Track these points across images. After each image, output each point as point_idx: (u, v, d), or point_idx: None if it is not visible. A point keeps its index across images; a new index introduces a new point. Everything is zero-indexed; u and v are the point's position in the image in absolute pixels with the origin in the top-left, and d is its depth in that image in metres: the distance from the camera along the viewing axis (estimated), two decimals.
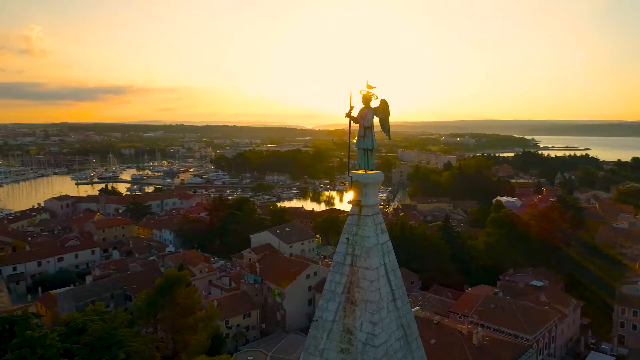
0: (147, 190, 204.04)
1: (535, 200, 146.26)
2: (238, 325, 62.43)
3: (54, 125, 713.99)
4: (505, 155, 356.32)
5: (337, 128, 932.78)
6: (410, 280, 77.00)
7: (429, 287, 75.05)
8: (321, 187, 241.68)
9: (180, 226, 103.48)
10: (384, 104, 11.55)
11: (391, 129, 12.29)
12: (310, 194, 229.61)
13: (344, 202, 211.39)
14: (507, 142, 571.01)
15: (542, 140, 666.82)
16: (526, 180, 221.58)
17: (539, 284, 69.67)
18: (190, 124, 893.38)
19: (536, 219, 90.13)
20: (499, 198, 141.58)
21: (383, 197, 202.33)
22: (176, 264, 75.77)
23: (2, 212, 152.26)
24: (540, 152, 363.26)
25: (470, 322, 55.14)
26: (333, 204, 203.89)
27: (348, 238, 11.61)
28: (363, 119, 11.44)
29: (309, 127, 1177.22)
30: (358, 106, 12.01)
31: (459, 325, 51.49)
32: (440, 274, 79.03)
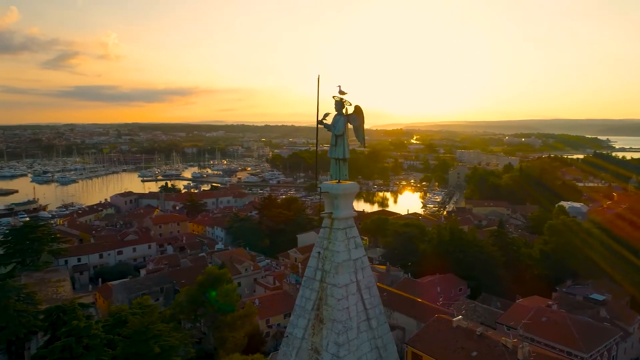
0: (203, 188, 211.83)
1: (605, 206, 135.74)
2: (278, 325, 62.98)
3: (125, 125, 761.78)
4: (575, 157, 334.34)
5: (395, 128, 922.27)
6: (457, 287, 74.24)
7: (478, 295, 71.76)
8: (374, 188, 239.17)
9: (231, 224, 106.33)
10: (358, 111, 10.85)
11: (450, 129, 11.57)
12: (364, 195, 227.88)
13: (398, 203, 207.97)
14: (577, 143, 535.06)
15: (619, 142, 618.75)
16: (596, 184, 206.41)
17: (600, 297, 64.37)
18: (250, 124, 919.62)
19: (603, 226, 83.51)
20: (562, 203, 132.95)
21: (438, 200, 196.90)
22: (223, 261, 78.01)
23: (74, 206, 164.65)
24: (615, 153, 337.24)
25: (518, 336, 51.96)
26: (386, 205, 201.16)
27: (319, 252, 11.05)
28: (334, 127, 10.78)
29: (366, 127, 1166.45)
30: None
31: (503, 337, 48.63)
32: (490, 282, 75.33)
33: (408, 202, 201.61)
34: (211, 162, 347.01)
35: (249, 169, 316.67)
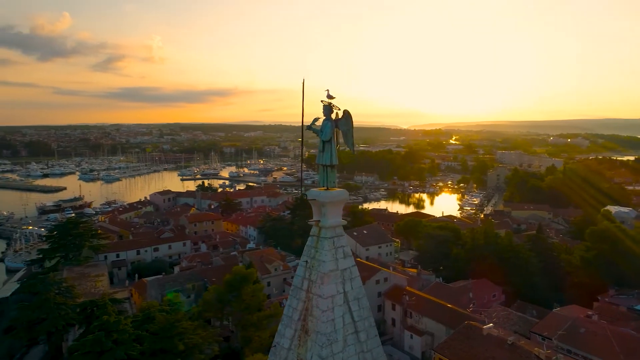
0: (238, 188, 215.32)
1: None
2: None
3: (167, 125, 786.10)
4: (625, 158, 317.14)
5: (434, 128, 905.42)
6: (491, 293, 71.78)
7: (513, 302, 69.12)
8: (410, 189, 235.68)
9: (263, 223, 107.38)
10: (347, 116, 10.45)
11: (491, 129, 11.09)
12: (399, 196, 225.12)
13: (434, 205, 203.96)
14: (630, 143, 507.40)
15: None
16: None
17: None
18: (288, 124, 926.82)
19: None
20: (608, 207, 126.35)
21: (475, 202, 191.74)
22: (252, 260, 78.83)
23: (116, 203, 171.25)
24: None
25: (553, 347, 49.61)
26: (423, 207, 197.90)
27: (306, 261, 10.74)
28: (321, 132, 10.44)
29: (404, 127, 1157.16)
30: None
31: (536, 348, 46.54)
32: (526, 289, 72.50)
33: (444, 204, 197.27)
34: (248, 161, 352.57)
35: (284, 168, 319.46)
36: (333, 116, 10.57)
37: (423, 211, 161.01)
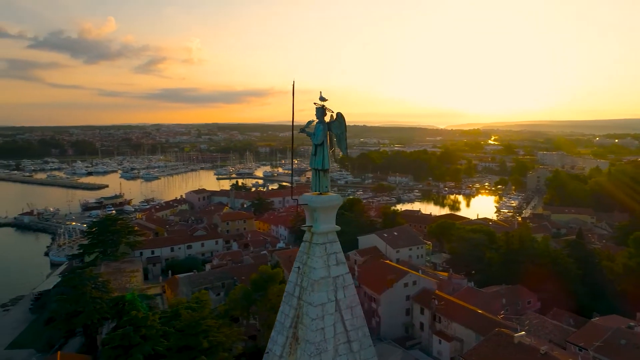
0: (271, 187, 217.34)
1: None
2: None
3: (205, 125, 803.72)
4: None
5: (472, 128, 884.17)
6: (526, 300, 69.23)
7: (549, 310, 66.34)
8: (446, 191, 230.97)
9: (294, 223, 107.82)
10: (340, 119, 10.13)
11: (533, 129, 10.70)
12: (434, 197, 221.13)
13: (470, 207, 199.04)
14: None
15: None
16: None
17: None
18: None
19: None
20: None
21: (514, 204, 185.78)
22: (279, 260, 79.28)
23: (154, 201, 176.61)
24: None
25: (589, 358, 47.23)
26: (458, 209, 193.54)
27: (299, 267, 10.50)
28: (313, 135, 10.16)
29: (442, 126, 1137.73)
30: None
31: (571, 359, 44.45)
32: (564, 297, 69.28)
33: (481, 206, 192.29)
34: (282, 161, 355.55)
35: None
36: (327, 119, 10.28)
37: (458, 213, 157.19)
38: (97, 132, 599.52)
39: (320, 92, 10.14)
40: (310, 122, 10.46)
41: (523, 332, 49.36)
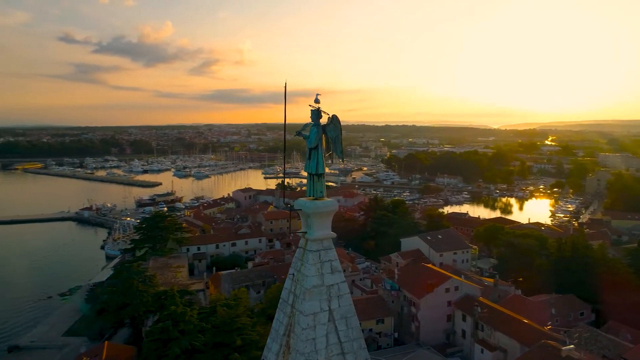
0: None
1: None
2: (370, 330, 61.91)
3: (255, 125, 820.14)
4: None
5: (527, 128, 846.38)
6: (578, 311, 65.28)
7: (603, 322, 62.12)
8: (496, 193, 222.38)
9: (335, 224, 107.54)
10: (335, 121, 9.74)
11: (595, 129, 10.14)
12: (484, 200, 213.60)
13: (524, 210, 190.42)
14: None
15: None
16: None
17: None
18: (371, 124, 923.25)
19: None
20: None
21: (570, 209, 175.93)
22: None
23: (203, 199, 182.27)
24: None
25: None
26: (510, 212, 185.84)
27: (293, 274, 10.21)
28: (307, 139, 9.83)
29: (495, 126, 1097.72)
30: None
31: None
32: (622, 309, 64.52)
33: (535, 210, 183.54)
34: (329, 161, 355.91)
35: (364, 168, 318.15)
36: (320, 122, 9.92)
37: (508, 217, 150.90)
38: (153, 132, 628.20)
39: (317, 95, 9.82)
40: (306, 125, 10.15)
41: (572, 346, 46.48)
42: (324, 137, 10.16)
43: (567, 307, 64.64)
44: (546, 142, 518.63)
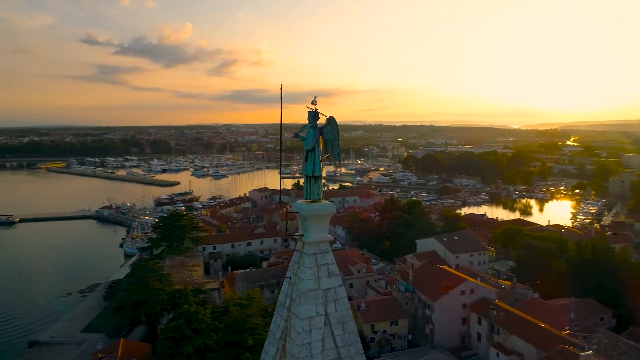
0: (332, 187, 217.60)
1: None
2: (384, 332, 61.53)
3: (272, 125, 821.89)
4: None
5: (549, 128, 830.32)
6: (598, 315, 63.72)
7: (625, 328, 60.47)
8: (516, 194, 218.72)
9: (351, 224, 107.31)
10: (332, 123, 9.61)
11: (620, 129, 9.86)
12: (503, 201, 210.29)
13: (544, 212, 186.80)
14: None
15: None
16: None
17: None
18: (388, 124, 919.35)
19: None
20: None
21: (592, 211, 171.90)
22: (337, 261, 78.98)
23: (220, 198, 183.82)
24: None
25: None
26: (530, 214, 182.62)
27: (290, 277, 10.14)
28: (304, 141, 9.73)
29: (515, 126, 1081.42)
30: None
31: None
32: None
33: (555, 212, 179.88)
34: (346, 161, 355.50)
35: (381, 169, 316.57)
36: (317, 124, 9.79)
37: (528, 219, 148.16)
38: (172, 132, 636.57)
39: (315, 97, 9.71)
40: (304, 127, 10.05)
41: (590, 352, 45.27)
42: (321, 139, 10.04)
43: (587, 312, 63.14)
44: (568, 142, 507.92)
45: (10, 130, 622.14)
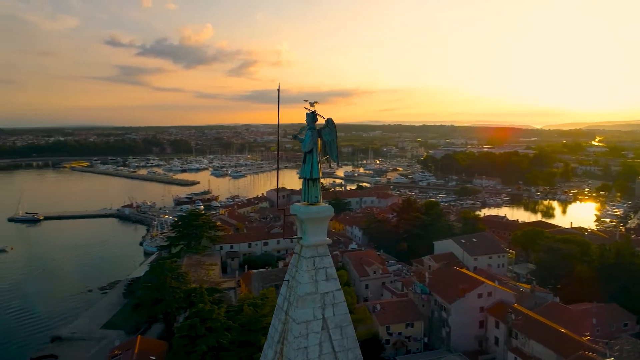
0: (349, 187, 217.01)
1: None
2: (399, 334, 61.00)
3: (291, 125, 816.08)
4: None
5: (573, 128, 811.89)
6: (622, 321, 61.92)
7: None
8: (538, 196, 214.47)
9: (368, 224, 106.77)
10: (330, 125, 9.48)
11: None
12: (524, 202, 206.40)
13: (567, 214, 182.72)
14: None
15: None
16: None
17: None
18: (408, 124, 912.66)
19: None
20: None
21: (617, 213, 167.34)
22: (353, 261, 78.82)
23: (239, 198, 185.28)
24: None
25: None
26: (552, 216, 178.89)
27: (288, 280, 10.03)
28: (302, 143, 9.62)
29: (538, 126, 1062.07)
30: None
31: None
32: None
33: (579, 214, 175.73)
34: (364, 161, 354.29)
35: (400, 169, 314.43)
36: (316, 126, 9.69)
37: (550, 221, 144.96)
38: (192, 132, 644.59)
39: (316, 102, 9.61)
40: (303, 129, 9.96)
41: (612, 359, 44.14)
42: (319, 141, 9.92)
43: (609, 317, 61.43)
44: (593, 142, 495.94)
45: (36, 130, 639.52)
